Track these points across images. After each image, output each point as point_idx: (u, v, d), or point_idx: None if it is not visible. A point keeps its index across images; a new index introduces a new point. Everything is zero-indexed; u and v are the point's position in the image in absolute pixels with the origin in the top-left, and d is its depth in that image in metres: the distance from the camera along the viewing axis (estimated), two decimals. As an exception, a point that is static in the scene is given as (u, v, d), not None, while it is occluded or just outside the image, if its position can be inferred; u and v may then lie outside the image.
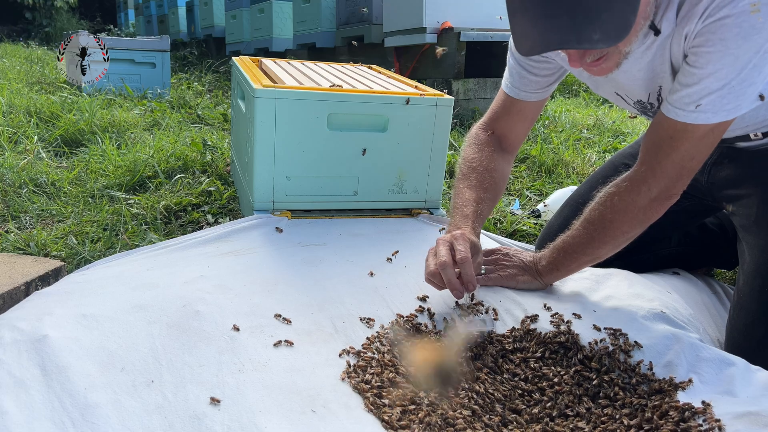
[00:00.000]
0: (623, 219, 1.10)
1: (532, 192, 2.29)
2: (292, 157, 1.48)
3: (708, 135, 1.01)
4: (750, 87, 0.96)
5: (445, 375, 0.95)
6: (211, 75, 5.26)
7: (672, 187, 1.06)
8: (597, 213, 1.13)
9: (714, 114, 0.98)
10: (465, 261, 1.05)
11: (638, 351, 1.03)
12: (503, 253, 1.27)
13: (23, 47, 7.67)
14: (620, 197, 1.09)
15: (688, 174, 1.05)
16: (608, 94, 1.25)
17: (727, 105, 0.97)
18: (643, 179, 1.07)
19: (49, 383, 0.83)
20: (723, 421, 0.86)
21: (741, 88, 0.95)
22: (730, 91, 0.96)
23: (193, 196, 2.00)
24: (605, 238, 1.13)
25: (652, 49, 1.05)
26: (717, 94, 0.96)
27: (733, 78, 0.95)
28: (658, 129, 1.06)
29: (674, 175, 1.05)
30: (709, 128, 1.00)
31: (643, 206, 1.08)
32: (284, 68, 1.91)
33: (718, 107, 0.97)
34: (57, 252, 1.56)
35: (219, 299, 1.06)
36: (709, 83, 0.96)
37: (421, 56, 3.51)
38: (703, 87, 0.97)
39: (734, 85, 0.95)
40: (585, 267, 1.19)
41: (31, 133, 2.67)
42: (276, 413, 0.81)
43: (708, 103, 0.97)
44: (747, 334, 1.15)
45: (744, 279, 1.19)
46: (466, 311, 1.03)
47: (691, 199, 1.36)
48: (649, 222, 1.10)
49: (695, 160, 1.04)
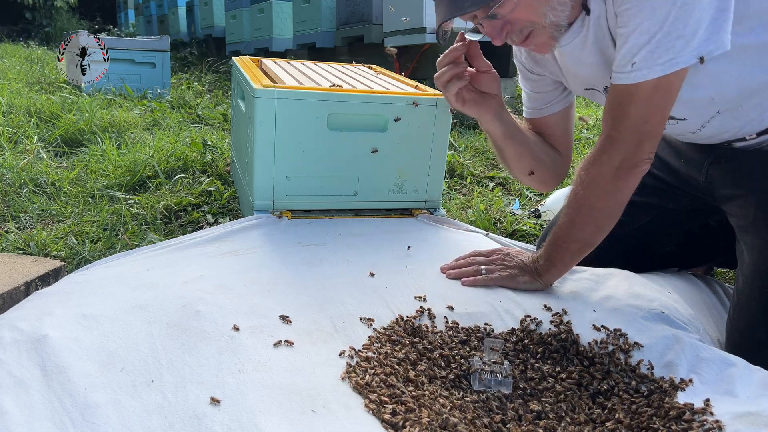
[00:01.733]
0: (594, 193, 1.10)
1: (532, 192, 2.29)
2: (292, 157, 1.48)
3: (653, 94, 1.02)
4: (678, 40, 0.97)
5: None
6: (211, 75, 5.26)
7: (634, 154, 1.06)
8: (572, 194, 1.15)
9: (649, 70, 0.99)
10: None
11: (638, 351, 1.03)
12: (504, 254, 1.27)
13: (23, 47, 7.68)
14: (587, 172, 1.11)
15: (648, 139, 1.05)
16: (582, 92, 1.27)
17: (659, 59, 0.98)
18: (603, 149, 1.09)
19: (49, 383, 0.83)
20: (723, 421, 0.86)
21: (668, 41, 0.97)
22: (658, 45, 0.98)
23: (193, 196, 2.00)
24: (584, 218, 1.13)
25: (591, 29, 1.09)
26: (646, 48, 0.98)
27: (656, 30, 0.97)
28: (609, 98, 1.09)
29: (632, 141, 1.05)
30: (651, 86, 1.01)
31: (609, 177, 1.08)
32: (284, 68, 1.91)
33: (650, 62, 0.99)
34: (57, 252, 1.56)
35: (219, 299, 1.06)
36: (635, 39, 0.99)
37: (421, 56, 3.51)
38: (632, 45, 1.00)
39: (660, 38, 0.97)
40: (578, 257, 1.18)
41: (31, 133, 2.67)
42: (276, 413, 0.81)
43: (640, 59, 0.99)
44: (747, 334, 1.15)
45: (743, 279, 1.19)
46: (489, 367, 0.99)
47: (691, 198, 1.36)
48: (622, 193, 1.10)
49: (649, 124, 1.04)
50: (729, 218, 1.27)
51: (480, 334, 1.07)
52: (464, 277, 1.22)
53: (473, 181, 2.41)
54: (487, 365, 0.96)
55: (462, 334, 1.06)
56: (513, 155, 1.33)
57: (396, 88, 1.64)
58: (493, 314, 1.12)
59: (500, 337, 1.06)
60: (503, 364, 0.97)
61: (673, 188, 1.39)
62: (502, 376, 0.95)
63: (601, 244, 1.19)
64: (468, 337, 1.05)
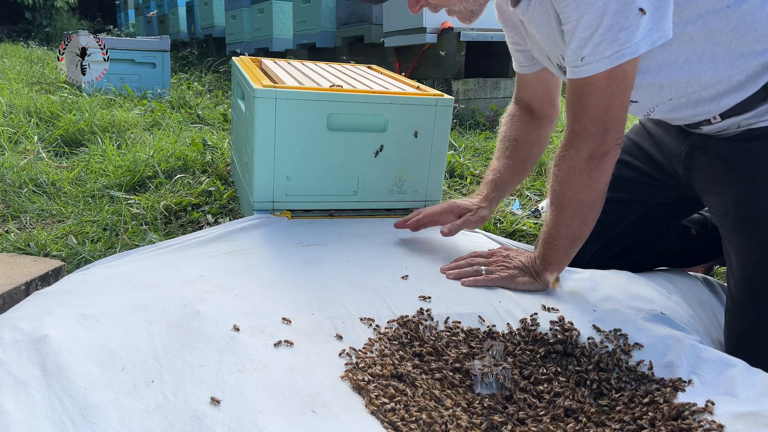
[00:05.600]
0: (570, 187, 1.10)
1: (532, 192, 2.29)
2: (292, 157, 1.48)
3: (609, 84, 1.02)
4: (621, 32, 0.96)
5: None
6: (211, 75, 5.26)
7: (602, 143, 1.06)
8: (551, 192, 1.15)
9: (598, 63, 1.00)
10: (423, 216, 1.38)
11: (638, 351, 1.03)
12: (504, 254, 1.27)
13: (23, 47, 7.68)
14: (558, 168, 1.11)
15: (612, 126, 1.05)
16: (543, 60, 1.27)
17: (605, 52, 0.98)
18: (570, 143, 1.09)
19: (49, 383, 0.83)
20: (723, 421, 0.86)
21: (611, 34, 0.97)
22: (602, 38, 0.98)
23: (193, 196, 2.00)
24: (567, 212, 1.13)
25: (536, 10, 1.10)
26: (591, 42, 0.99)
27: (597, 23, 0.97)
28: (568, 93, 1.09)
29: (596, 130, 1.05)
30: (604, 77, 1.01)
31: (581, 168, 1.08)
32: (284, 68, 1.91)
33: (598, 55, 0.99)
34: (57, 252, 1.56)
35: (219, 299, 1.06)
36: (579, 34, 1.00)
37: (421, 56, 3.51)
38: (578, 39, 1.00)
39: (602, 31, 0.97)
40: (572, 251, 1.18)
41: (31, 133, 2.67)
42: (276, 413, 0.81)
43: (588, 54, 1.00)
44: (744, 340, 1.14)
45: (735, 285, 1.17)
46: (489, 368, 0.98)
47: (678, 192, 1.35)
48: (598, 182, 1.09)
49: (611, 112, 1.04)
50: (711, 217, 1.25)
51: (480, 334, 1.07)
52: (464, 277, 1.22)
53: (473, 181, 2.41)
54: (487, 366, 0.96)
55: (462, 334, 1.06)
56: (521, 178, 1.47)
57: (396, 88, 1.64)
58: (493, 314, 1.12)
59: (500, 338, 1.06)
60: (503, 364, 0.97)
61: (658, 182, 1.37)
62: (502, 376, 0.95)
63: (594, 247, 1.18)
64: (468, 338, 1.05)
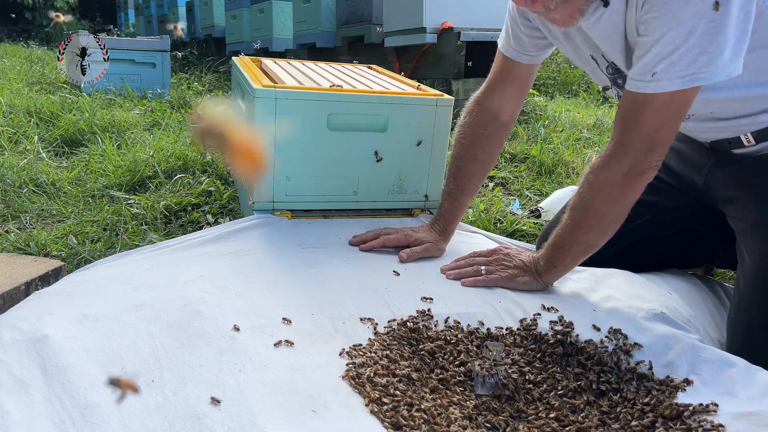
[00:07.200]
0: (601, 197, 1.10)
1: (532, 192, 2.29)
2: (292, 157, 1.48)
3: (669, 105, 1.01)
4: (702, 56, 0.95)
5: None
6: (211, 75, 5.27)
7: (643, 161, 1.06)
8: (578, 197, 1.14)
9: (669, 81, 0.99)
10: (384, 239, 1.36)
11: (638, 351, 1.03)
12: (504, 253, 1.27)
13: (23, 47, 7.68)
14: (595, 176, 1.11)
15: (658, 146, 1.05)
16: (586, 59, 1.24)
17: (680, 72, 0.97)
18: (612, 155, 1.08)
19: (49, 383, 0.83)
20: (723, 421, 0.86)
21: (692, 55, 0.96)
22: (681, 57, 0.96)
23: (193, 196, 1.99)
24: (590, 222, 1.13)
25: (602, 23, 1.08)
26: (668, 59, 0.97)
27: (681, 42, 0.96)
28: (622, 104, 1.08)
29: (642, 148, 1.05)
30: (667, 97, 1.00)
31: (616, 182, 1.08)
32: (284, 68, 1.91)
33: (671, 74, 0.98)
34: (57, 252, 1.56)
35: (219, 299, 1.06)
36: (659, 49, 0.98)
37: (421, 56, 3.51)
38: (655, 54, 0.98)
39: (684, 51, 0.96)
40: (580, 259, 1.18)
41: (31, 133, 2.67)
42: (276, 413, 0.81)
43: (662, 70, 0.98)
44: (748, 337, 1.15)
45: (744, 283, 1.18)
46: (489, 368, 0.98)
47: (691, 198, 1.36)
48: (628, 199, 1.10)
49: (661, 132, 1.04)
50: (729, 220, 1.26)
51: (480, 334, 1.07)
52: (464, 277, 1.22)
53: (473, 181, 2.41)
54: (487, 366, 0.96)
55: (462, 334, 1.06)
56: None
57: (396, 88, 1.64)
58: (493, 314, 1.12)
59: (500, 338, 1.06)
60: (503, 364, 0.97)
61: (672, 188, 1.39)
62: (502, 376, 0.95)
63: None
64: (468, 338, 1.05)
